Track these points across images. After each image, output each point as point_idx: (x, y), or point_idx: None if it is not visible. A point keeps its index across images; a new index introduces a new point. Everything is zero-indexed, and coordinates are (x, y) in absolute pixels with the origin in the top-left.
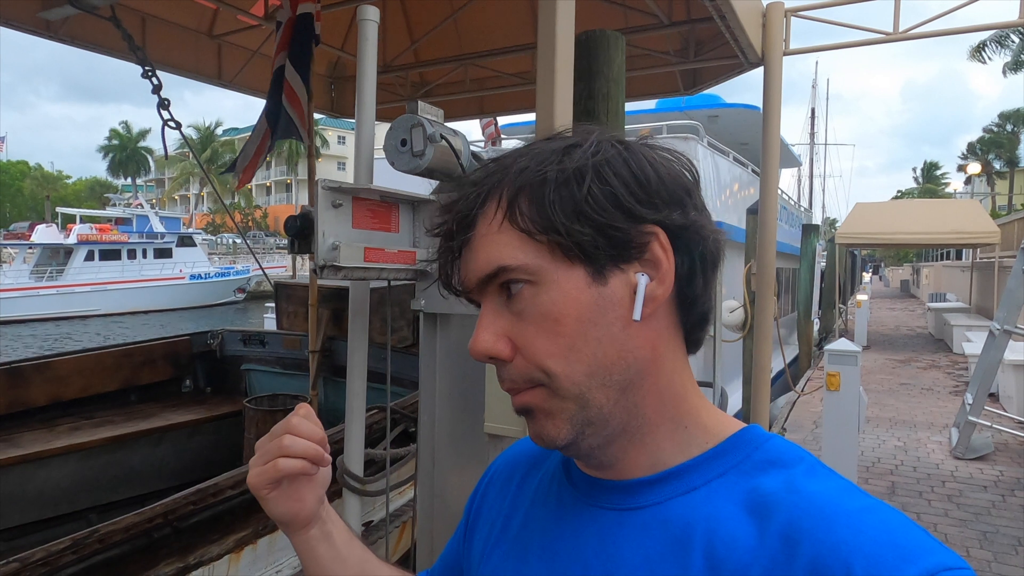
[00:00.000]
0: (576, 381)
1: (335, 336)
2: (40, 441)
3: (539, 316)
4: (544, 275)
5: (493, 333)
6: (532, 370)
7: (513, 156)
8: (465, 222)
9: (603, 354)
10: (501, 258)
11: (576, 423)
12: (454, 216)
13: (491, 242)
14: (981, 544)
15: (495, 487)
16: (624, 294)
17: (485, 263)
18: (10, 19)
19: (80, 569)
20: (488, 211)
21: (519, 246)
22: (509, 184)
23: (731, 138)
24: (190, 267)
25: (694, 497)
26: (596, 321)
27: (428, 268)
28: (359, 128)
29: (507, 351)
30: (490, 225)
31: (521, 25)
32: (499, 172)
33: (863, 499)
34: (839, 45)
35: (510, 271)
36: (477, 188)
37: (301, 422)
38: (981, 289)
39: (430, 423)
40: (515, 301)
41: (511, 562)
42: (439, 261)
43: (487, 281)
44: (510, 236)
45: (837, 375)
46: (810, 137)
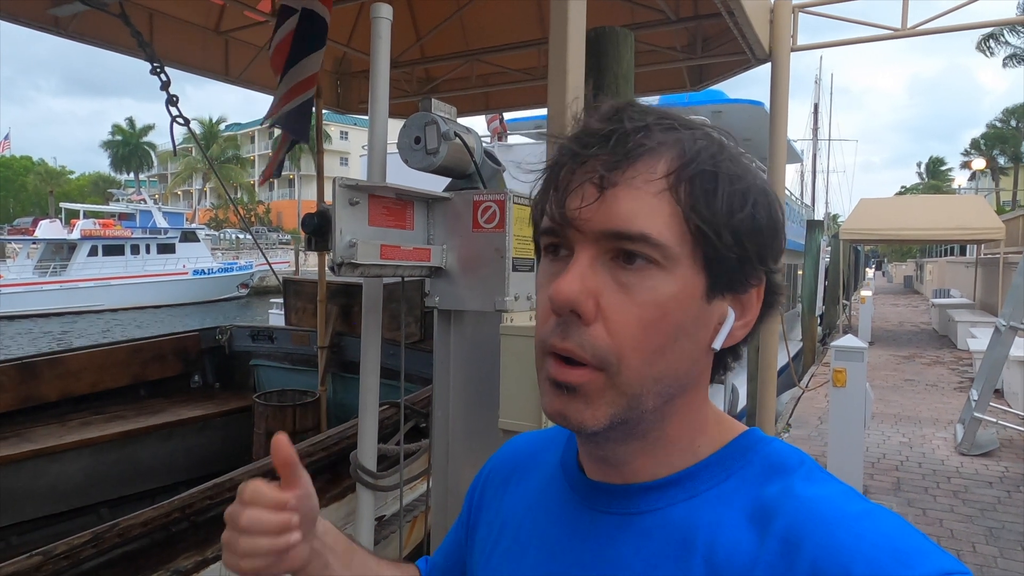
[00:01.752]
0: (642, 381)
1: (344, 332)
2: (52, 436)
3: (650, 302)
4: (676, 266)
5: (586, 286)
6: (608, 348)
7: (680, 123)
8: (624, 161)
9: (677, 366)
10: (649, 226)
11: (616, 418)
12: (616, 140)
13: (643, 202)
14: (987, 540)
15: (493, 485)
16: (714, 320)
17: (628, 219)
18: (20, 16)
19: (100, 562)
20: (653, 165)
21: (669, 223)
22: (684, 154)
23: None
24: (193, 262)
25: (695, 503)
26: (690, 334)
27: (442, 266)
28: (373, 125)
29: (592, 311)
30: (650, 182)
31: (527, 21)
32: (670, 131)
33: (862, 504)
34: (847, 41)
35: (650, 244)
36: (648, 133)
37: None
38: (985, 285)
39: (444, 419)
40: (630, 272)
41: (510, 564)
42: (557, 172)
43: (614, 238)
44: (666, 208)
45: (843, 371)
46: (813, 133)
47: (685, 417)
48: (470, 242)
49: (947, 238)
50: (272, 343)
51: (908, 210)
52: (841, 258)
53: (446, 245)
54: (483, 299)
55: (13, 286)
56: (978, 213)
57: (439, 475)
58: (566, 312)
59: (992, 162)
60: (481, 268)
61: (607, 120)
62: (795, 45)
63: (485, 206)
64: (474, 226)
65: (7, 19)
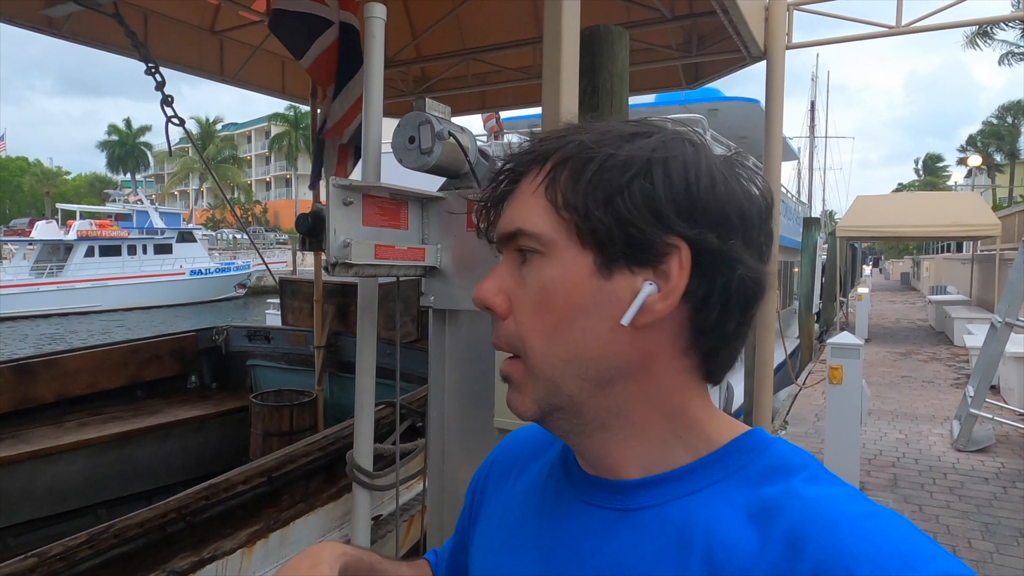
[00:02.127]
0: (550, 363)
1: (340, 332)
2: (49, 437)
3: (538, 288)
4: (554, 250)
5: (496, 286)
6: (514, 335)
7: (584, 129)
8: (513, 175)
9: (584, 346)
10: (523, 221)
11: (543, 405)
12: (509, 167)
13: (523, 203)
14: (983, 536)
15: (494, 477)
16: (625, 296)
17: (509, 221)
18: (13, 16)
19: (97, 563)
20: (533, 172)
21: (543, 215)
22: (563, 152)
23: (730, 132)
24: (190, 263)
25: (694, 500)
26: (587, 311)
27: (437, 266)
28: (367, 125)
29: (503, 308)
30: (530, 185)
31: (523, 20)
32: (562, 138)
33: (867, 505)
34: (842, 39)
35: (525, 236)
36: (537, 147)
37: None
38: (982, 282)
39: (440, 418)
40: (525, 266)
41: (506, 556)
42: (480, 203)
43: (507, 239)
44: (540, 203)
45: (839, 368)
46: (810, 130)
47: (645, 405)
48: (465, 242)
49: (944, 235)
50: (269, 343)
51: (905, 207)
52: (838, 255)
53: (441, 245)
54: None
55: (9, 287)
56: (974, 210)
57: (435, 474)
58: (484, 310)
59: (988, 159)
60: (476, 267)
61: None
62: (790, 43)
63: None
64: (469, 225)
65: (1, 20)
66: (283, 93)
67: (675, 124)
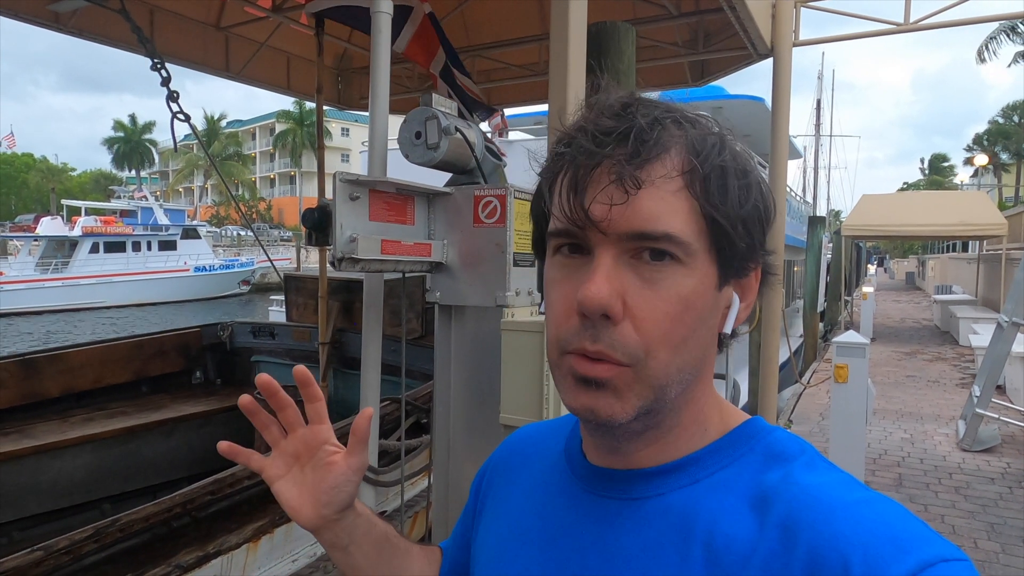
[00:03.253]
0: (668, 372)
1: (344, 328)
2: (54, 432)
3: (675, 297)
4: (696, 260)
5: (614, 288)
6: (637, 345)
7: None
8: (642, 156)
9: (697, 354)
10: (671, 225)
11: (643, 410)
12: (636, 143)
13: (664, 201)
14: (989, 536)
15: (498, 472)
16: (723, 306)
17: (651, 220)
18: (20, 12)
19: (102, 557)
20: (667, 162)
21: (688, 220)
22: (694, 150)
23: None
24: (195, 259)
25: (696, 489)
26: (707, 323)
27: (443, 261)
28: (373, 121)
29: (621, 312)
30: (667, 180)
31: (528, 16)
32: (675, 126)
33: (862, 491)
34: (849, 36)
35: (674, 242)
36: (660, 129)
37: None
38: (987, 281)
39: (445, 414)
40: (654, 269)
41: (511, 546)
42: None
43: (640, 238)
44: (684, 205)
45: (845, 367)
46: (815, 129)
47: (698, 402)
48: (471, 237)
49: (949, 234)
50: (273, 339)
51: (910, 206)
52: (843, 254)
53: (447, 240)
54: (484, 294)
55: (15, 283)
56: (980, 209)
57: (440, 470)
58: (597, 316)
59: (995, 158)
60: (482, 263)
61: (618, 116)
62: (797, 40)
63: (486, 201)
64: (475, 221)
65: (7, 15)
66: (288, 89)
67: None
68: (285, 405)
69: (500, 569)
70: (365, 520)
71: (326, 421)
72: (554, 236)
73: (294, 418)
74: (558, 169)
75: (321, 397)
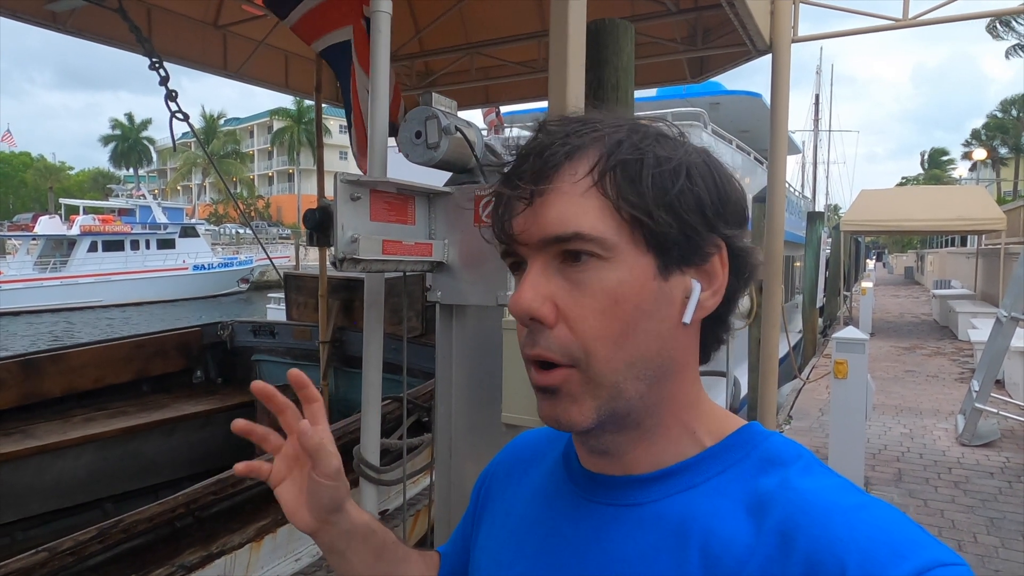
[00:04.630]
0: (616, 368)
1: (345, 326)
2: (56, 432)
3: (601, 293)
4: (618, 253)
5: (540, 294)
6: (573, 345)
7: (605, 122)
8: (546, 170)
9: (647, 347)
10: (580, 224)
11: (603, 411)
12: (536, 159)
13: (572, 203)
14: (988, 530)
15: (498, 478)
16: (678, 296)
17: (559, 223)
18: (17, 11)
19: (106, 558)
20: (576, 168)
21: (600, 217)
22: (605, 150)
23: (732, 125)
24: (193, 258)
25: (692, 495)
26: (651, 314)
27: (444, 261)
28: (373, 120)
29: (552, 315)
30: (575, 184)
31: (527, 13)
32: (590, 132)
33: (858, 496)
34: (848, 32)
35: (585, 240)
36: (566, 140)
37: None
38: (986, 276)
39: (447, 413)
40: (577, 270)
41: (509, 553)
42: (498, 200)
43: (553, 242)
44: (595, 203)
45: (844, 363)
46: (814, 124)
47: (674, 401)
48: (472, 236)
49: (948, 229)
50: (274, 338)
51: (909, 201)
52: (842, 249)
53: (448, 240)
54: (485, 293)
55: (13, 282)
56: (979, 204)
57: (442, 469)
58: (528, 321)
59: (993, 152)
60: (483, 263)
61: (532, 139)
62: (796, 36)
63: (487, 200)
64: (476, 220)
65: (4, 15)
66: (287, 87)
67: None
68: (283, 408)
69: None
70: (363, 525)
71: (322, 422)
72: (504, 258)
73: (292, 421)
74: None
75: (318, 398)
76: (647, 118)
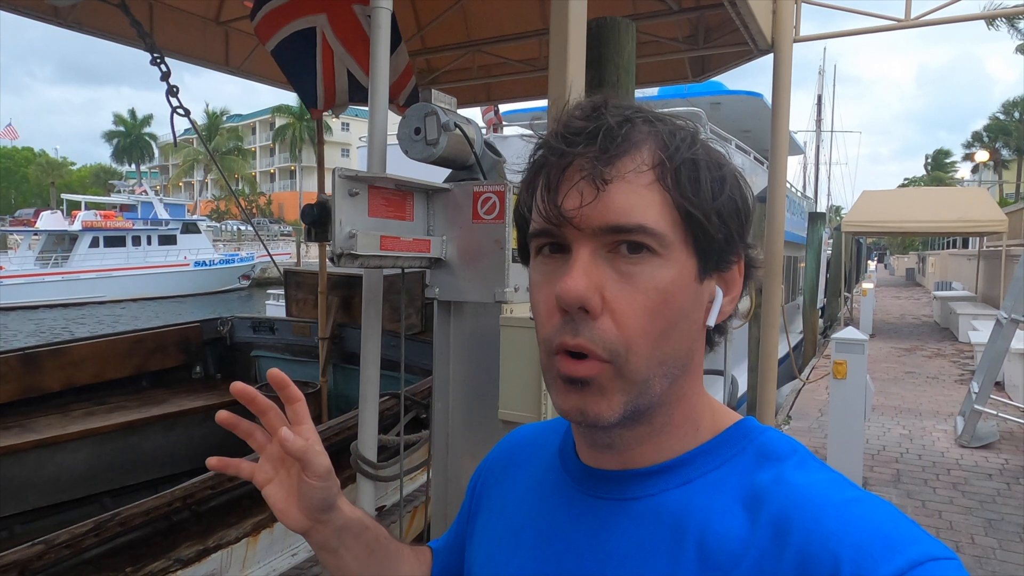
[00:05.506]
0: (651, 366)
1: (344, 323)
2: (55, 426)
3: (653, 290)
4: (672, 252)
5: (591, 282)
6: (617, 340)
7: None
8: (612, 155)
9: (679, 347)
10: (645, 217)
11: (630, 407)
12: (603, 135)
13: (635, 193)
14: (986, 531)
15: (493, 474)
16: (706, 299)
17: (625, 212)
18: (19, 6)
19: (103, 551)
20: (638, 157)
21: (662, 212)
22: (664, 144)
23: (734, 125)
24: (194, 254)
25: (689, 490)
26: (688, 315)
27: (442, 257)
28: (372, 116)
29: (599, 305)
30: (638, 174)
31: (528, 11)
32: (645, 123)
33: (852, 491)
34: (849, 32)
35: (648, 234)
36: (627, 125)
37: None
38: (987, 278)
39: (444, 410)
40: (631, 262)
41: (505, 547)
42: (549, 173)
43: (613, 231)
44: (657, 197)
45: (844, 363)
46: (816, 124)
47: (688, 400)
48: (470, 233)
49: (949, 230)
50: (273, 334)
51: (911, 202)
52: (843, 250)
53: (446, 236)
54: (483, 290)
55: (15, 277)
56: (981, 206)
57: (439, 465)
58: (575, 310)
59: (995, 154)
60: (481, 259)
61: (588, 117)
62: (797, 36)
63: (485, 197)
64: (474, 217)
65: (7, 9)
66: (288, 84)
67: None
68: (265, 409)
69: (494, 571)
70: (356, 522)
71: (306, 421)
72: (535, 237)
73: (276, 423)
74: (535, 173)
75: (300, 397)
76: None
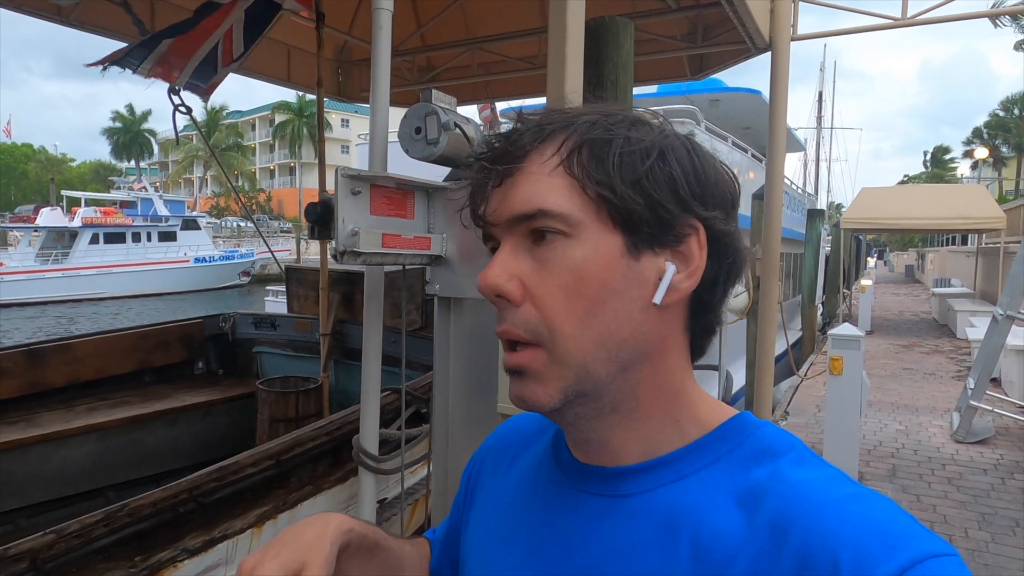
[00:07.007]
0: (583, 348)
1: (345, 319)
2: (59, 421)
3: (565, 270)
4: (583, 231)
5: (507, 271)
6: (539, 323)
7: (579, 110)
8: (516, 153)
9: (617, 327)
10: (544, 201)
11: (569, 392)
12: (506, 143)
13: (538, 182)
14: (980, 525)
15: (488, 464)
16: (651, 276)
17: (525, 201)
18: (22, 4)
19: (112, 541)
20: (544, 150)
21: (566, 194)
22: (574, 132)
23: (733, 122)
24: (194, 250)
25: (683, 486)
26: (619, 292)
27: (443, 254)
28: (374, 115)
29: (518, 293)
30: (543, 165)
31: (528, 9)
32: (563, 119)
33: (851, 487)
34: (846, 31)
35: (549, 217)
36: (537, 126)
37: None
38: (986, 274)
39: (444, 404)
40: (543, 248)
41: (498, 545)
42: (473, 186)
43: (519, 221)
44: (560, 182)
45: (840, 359)
46: (817, 121)
47: (654, 387)
48: (469, 231)
49: (949, 227)
50: (275, 330)
51: (910, 199)
52: (842, 247)
53: (446, 234)
54: None
55: (14, 274)
56: (980, 203)
57: (439, 459)
58: (494, 298)
59: (995, 151)
60: (480, 256)
61: (505, 136)
62: (795, 34)
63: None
64: None
65: (9, 7)
66: (289, 82)
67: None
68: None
69: (487, 567)
70: (356, 536)
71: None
72: (485, 244)
73: None
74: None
75: None
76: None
